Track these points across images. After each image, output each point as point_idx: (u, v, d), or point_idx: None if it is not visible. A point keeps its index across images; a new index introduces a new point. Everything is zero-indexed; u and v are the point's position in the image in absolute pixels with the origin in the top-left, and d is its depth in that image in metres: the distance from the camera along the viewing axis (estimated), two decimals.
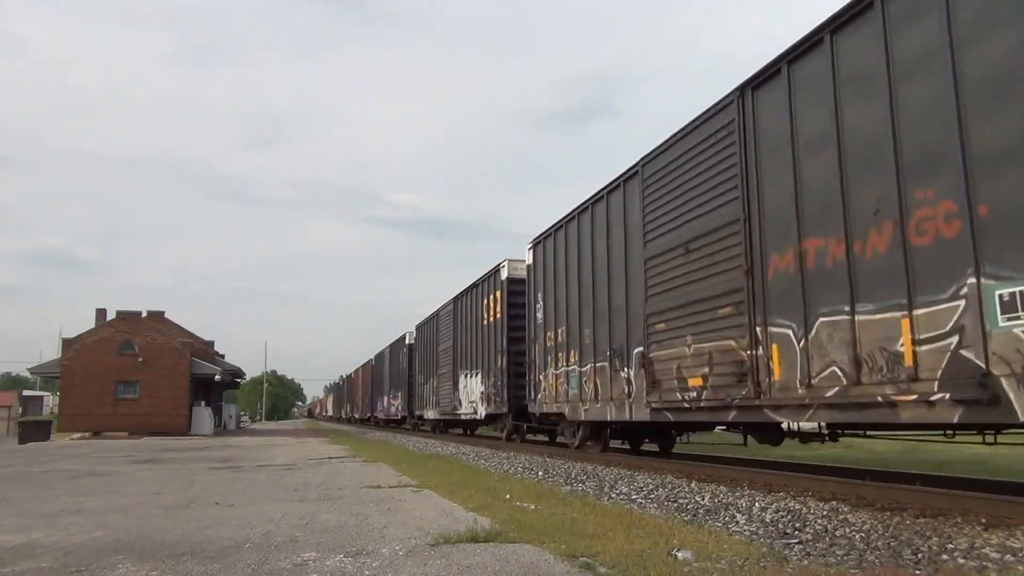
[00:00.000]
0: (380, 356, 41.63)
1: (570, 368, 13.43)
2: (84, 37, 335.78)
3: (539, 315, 15.31)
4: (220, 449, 20.72)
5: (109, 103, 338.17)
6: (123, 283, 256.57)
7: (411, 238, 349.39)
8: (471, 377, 21.22)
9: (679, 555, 4.56)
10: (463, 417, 22.60)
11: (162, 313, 37.63)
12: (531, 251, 15.96)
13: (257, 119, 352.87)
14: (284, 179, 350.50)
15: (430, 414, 27.46)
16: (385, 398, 39.14)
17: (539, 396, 15.25)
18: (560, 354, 13.99)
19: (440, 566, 4.44)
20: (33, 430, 31.95)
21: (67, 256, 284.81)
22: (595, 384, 12.27)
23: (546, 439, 18.54)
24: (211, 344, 42.87)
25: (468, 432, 28.11)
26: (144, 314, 36.76)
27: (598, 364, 12.20)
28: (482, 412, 20.03)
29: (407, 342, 32.45)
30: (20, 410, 64.55)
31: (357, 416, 55.13)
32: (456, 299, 23.42)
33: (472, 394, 21.08)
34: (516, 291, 17.76)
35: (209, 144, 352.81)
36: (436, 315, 26.76)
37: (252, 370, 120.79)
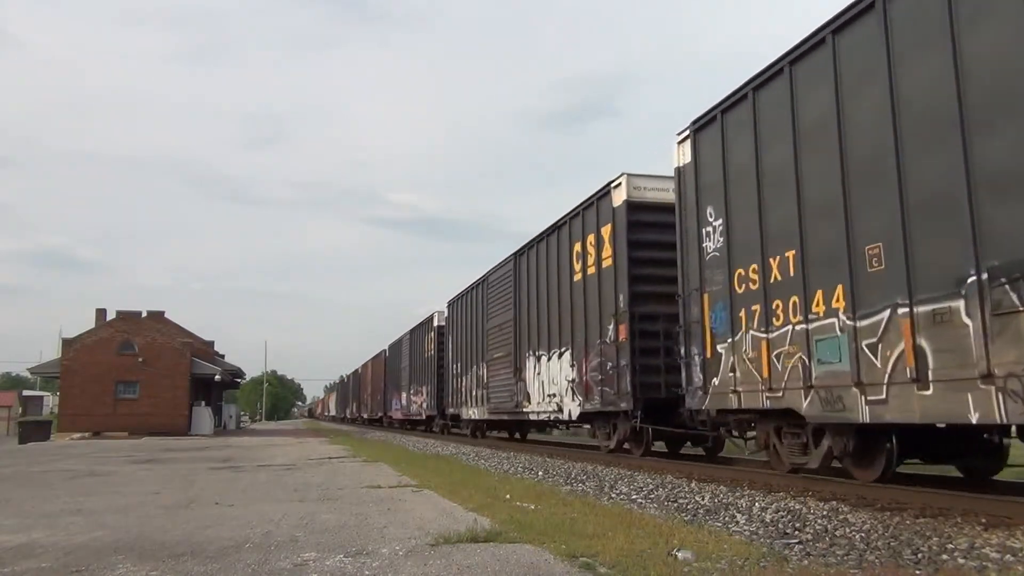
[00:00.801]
0: (397, 345, 35.81)
1: (814, 325, 7.69)
2: (84, 37, 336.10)
3: (713, 243, 9.49)
4: (220, 449, 20.73)
5: (109, 103, 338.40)
6: (123, 283, 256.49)
7: (411, 238, 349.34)
8: (549, 360, 15.19)
9: (679, 555, 4.56)
10: (535, 417, 16.43)
11: (162, 313, 37.62)
12: (690, 141, 10.05)
13: (257, 119, 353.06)
14: (284, 179, 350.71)
15: (472, 412, 21.18)
16: (403, 394, 33.21)
17: (715, 381, 9.37)
18: (778, 303, 8.26)
19: (440, 566, 4.44)
20: (33, 430, 31.95)
21: (67, 256, 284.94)
22: (912, 348, 6.41)
23: (659, 449, 13.40)
24: (211, 344, 42.86)
25: (514, 437, 22.84)
26: (144, 314, 36.75)
27: (922, 307, 6.38)
28: (572, 409, 14.10)
29: (435, 324, 26.98)
30: (20, 410, 64.59)
31: (366, 416, 48.75)
32: (519, 254, 17.42)
33: (553, 384, 14.97)
34: (643, 222, 12.06)
35: (209, 144, 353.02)
36: (483, 282, 20.46)
37: (252, 370, 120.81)
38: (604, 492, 8.57)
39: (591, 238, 13.40)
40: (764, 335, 8.51)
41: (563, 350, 14.56)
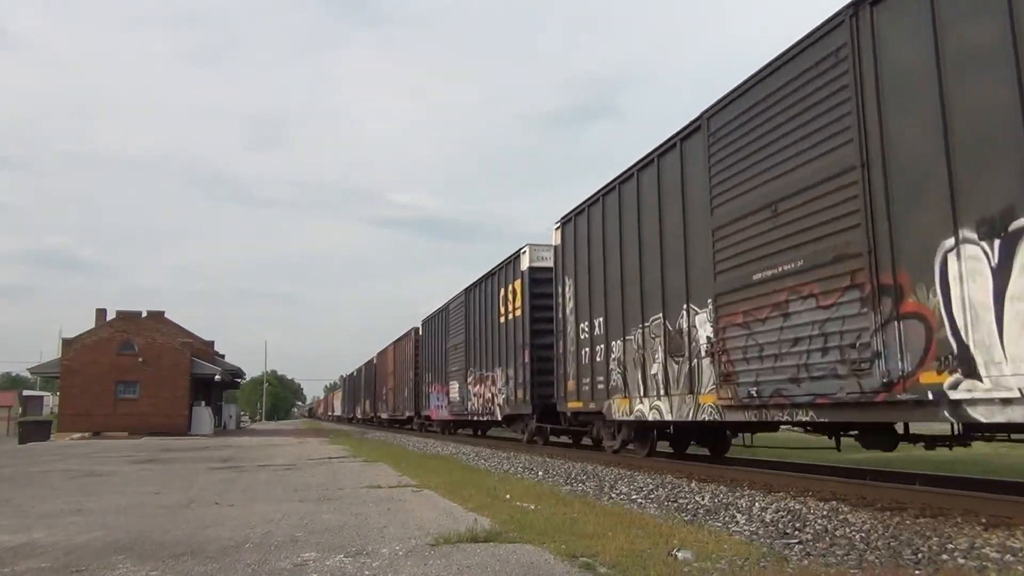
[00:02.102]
0: (438, 318, 25.87)
1: None
2: (87, 38, 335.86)
3: None
4: (220, 449, 20.72)
5: (111, 104, 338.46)
6: (123, 283, 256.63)
7: (411, 238, 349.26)
8: None
9: (679, 555, 4.56)
10: None
11: (162, 313, 37.64)
12: None
13: (258, 120, 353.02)
14: (285, 179, 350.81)
15: (656, 408, 10.53)
16: (454, 385, 23.20)
17: None
18: None
19: (440, 566, 4.44)
20: (33, 430, 31.94)
21: (67, 256, 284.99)
22: None
23: None
24: (211, 344, 42.86)
25: (682, 450, 12.72)
26: (144, 314, 36.76)
27: None
28: None
29: (524, 266, 16.54)
30: (20, 410, 64.50)
31: (385, 416, 39.15)
32: None
33: None
34: None
35: (211, 145, 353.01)
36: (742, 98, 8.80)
37: (252, 370, 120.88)
38: (604, 492, 8.57)
39: None
40: None
41: None
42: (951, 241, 5.95)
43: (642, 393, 10.94)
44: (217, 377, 38.33)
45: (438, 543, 5.09)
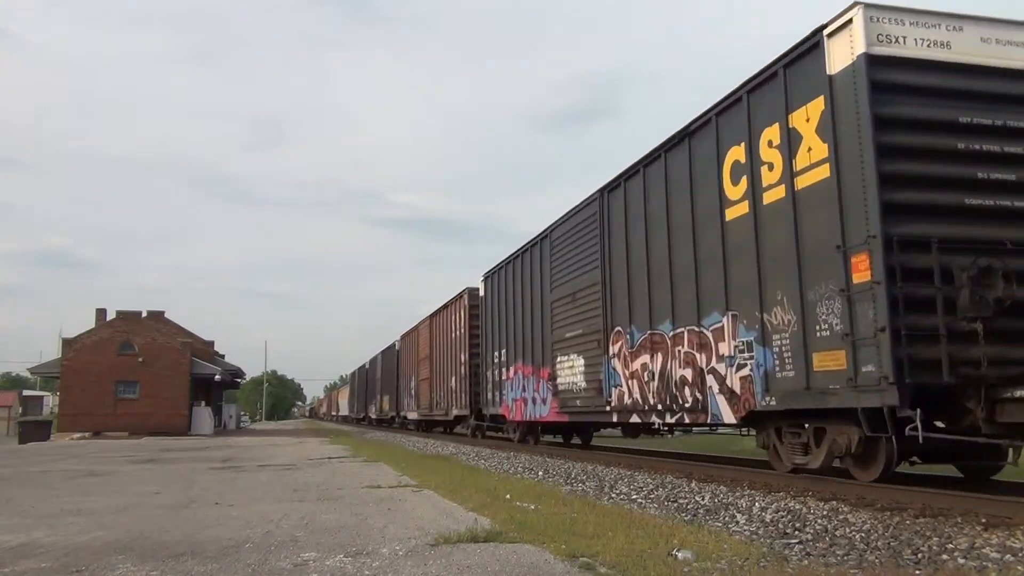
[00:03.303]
0: (520, 262, 16.50)
1: None
2: (87, 37, 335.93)
3: None
4: (220, 449, 20.72)
5: (111, 103, 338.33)
6: (123, 283, 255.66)
7: (411, 238, 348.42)
8: None
9: (679, 555, 4.56)
10: None
11: (162, 313, 37.72)
12: None
13: (259, 120, 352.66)
14: (285, 179, 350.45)
15: None
16: (573, 364, 13.47)
17: None
18: None
19: (440, 566, 4.44)
20: (33, 430, 31.98)
21: (67, 256, 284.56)
22: None
23: None
24: (211, 344, 42.90)
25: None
26: (144, 314, 36.82)
27: None
28: None
29: (840, 66, 6.80)
30: (20, 410, 64.62)
31: (414, 416, 30.20)
32: None
33: None
34: None
35: (211, 144, 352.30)
36: None
37: (252, 370, 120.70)
38: (604, 492, 8.57)
39: None
40: None
41: None
42: None
43: None
44: (217, 377, 38.36)
45: (438, 543, 5.09)
